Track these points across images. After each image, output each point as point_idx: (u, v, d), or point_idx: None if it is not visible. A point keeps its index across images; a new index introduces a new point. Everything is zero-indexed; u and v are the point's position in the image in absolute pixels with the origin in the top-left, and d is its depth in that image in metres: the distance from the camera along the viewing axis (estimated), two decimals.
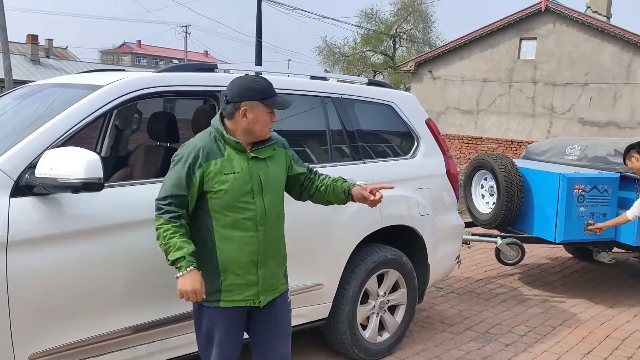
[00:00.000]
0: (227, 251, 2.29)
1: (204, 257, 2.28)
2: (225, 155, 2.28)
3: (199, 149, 2.26)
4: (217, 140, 2.30)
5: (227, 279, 2.30)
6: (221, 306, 2.32)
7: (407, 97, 4.10)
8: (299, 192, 2.63)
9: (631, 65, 15.66)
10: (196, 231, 2.31)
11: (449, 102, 19.48)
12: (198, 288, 2.19)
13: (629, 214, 4.45)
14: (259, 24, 18.02)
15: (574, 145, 5.60)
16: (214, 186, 2.25)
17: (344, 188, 2.59)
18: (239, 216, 2.28)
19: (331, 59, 36.24)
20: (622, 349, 4.06)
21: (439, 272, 4.13)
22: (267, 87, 2.33)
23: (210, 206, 2.28)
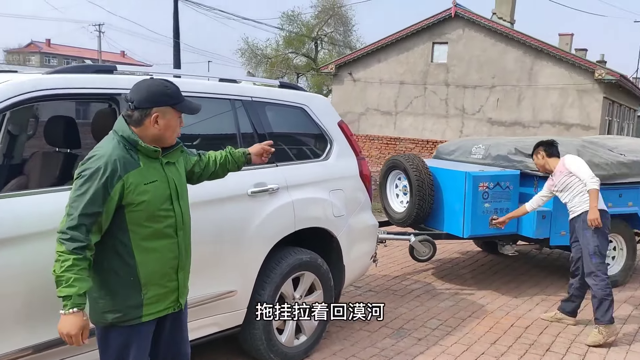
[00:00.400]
0: (149, 263, 2.21)
1: (120, 275, 2.18)
2: (141, 165, 2.18)
3: (114, 160, 2.11)
4: (129, 149, 2.17)
5: (149, 291, 2.22)
6: (144, 321, 2.23)
7: (319, 100, 4.14)
8: (197, 178, 2.63)
9: (533, 68, 16.72)
10: (109, 250, 2.17)
11: (369, 103, 19.93)
12: (74, 333, 2.04)
13: (527, 205, 4.77)
14: (176, 24, 17.59)
15: (479, 145, 5.89)
16: (135, 199, 2.14)
17: (242, 152, 2.74)
18: (161, 225, 2.22)
19: (254, 61, 36.04)
20: (525, 337, 4.31)
21: (354, 272, 4.20)
22: (177, 91, 2.27)
23: (129, 220, 2.16)
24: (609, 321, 4.17)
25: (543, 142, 4.68)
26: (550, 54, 16.35)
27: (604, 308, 4.17)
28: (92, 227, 2.07)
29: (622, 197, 5.49)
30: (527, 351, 4.04)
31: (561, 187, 4.43)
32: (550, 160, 4.56)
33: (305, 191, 3.65)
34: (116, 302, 2.18)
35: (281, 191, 3.46)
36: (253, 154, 2.74)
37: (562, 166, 4.43)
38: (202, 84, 3.35)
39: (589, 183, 4.21)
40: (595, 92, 15.91)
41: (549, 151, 4.58)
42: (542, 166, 4.64)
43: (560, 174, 4.43)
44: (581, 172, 4.28)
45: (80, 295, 2.04)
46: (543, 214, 5.11)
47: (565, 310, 4.60)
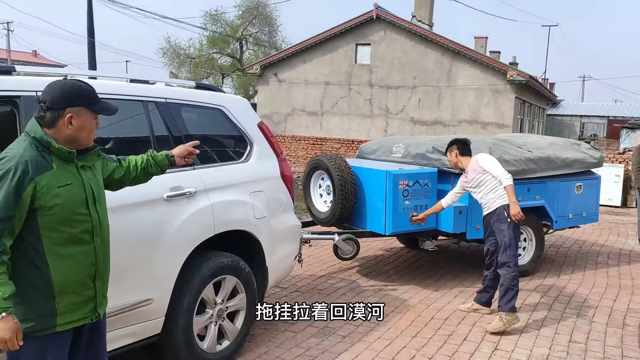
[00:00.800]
0: (64, 269, 2.12)
1: (33, 282, 2.08)
2: (55, 167, 2.10)
3: (26, 161, 2.03)
4: (41, 151, 2.09)
5: (63, 299, 2.13)
6: (58, 331, 2.13)
7: (238, 101, 4.10)
8: (117, 184, 2.56)
9: (451, 69, 17.41)
10: (22, 256, 2.08)
11: (295, 104, 19.98)
12: (8, 338, 1.97)
13: (443, 202, 4.98)
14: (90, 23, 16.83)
15: (399, 144, 6.05)
16: (48, 202, 2.06)
17: (164, 154, 2.66)
18: (76, 230, 2.14)
19: (177, 61, 35.12)
20: (444, 328, 4.48)
21: (278, 273, 4.19)
22: (92, 92, 2.21)
23: (42, 224, 2.07)
24: (511, 309, 4.41)
25: (457, 141, 4.86)
26: (466, 56, 17.08)
27: (508, 297, 4.41)
28: (5, 231, 1.99)
29: (530, 191, 5.82)
30: (446, 342, 4.20)
31: (474, 184, 4.64)
32: (463, 158, 4.75)
33: (225, 194, 3.60)
34: (29, 310, 2.09)
35: (199, 194, 3.39)
36: (176, 155, 2.68)
37: (476, 164, 4.62)
38: (112, 85, 3.23)
39: (504, 180, 4.43)
40: (507, 92, 16.78)
41: (462, 150, 4.77)
42: (455, 164, 4.83)
43: (473, 172, 4.63)
44: (494, 170, 4.50)
45: (6, 299, 1.97)
46: (460, 210, 5.33)
47: (481, 300, 4.81)
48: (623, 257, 7.19)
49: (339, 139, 18.46)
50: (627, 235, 8.73)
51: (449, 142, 4.92)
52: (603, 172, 7.00)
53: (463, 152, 4.76)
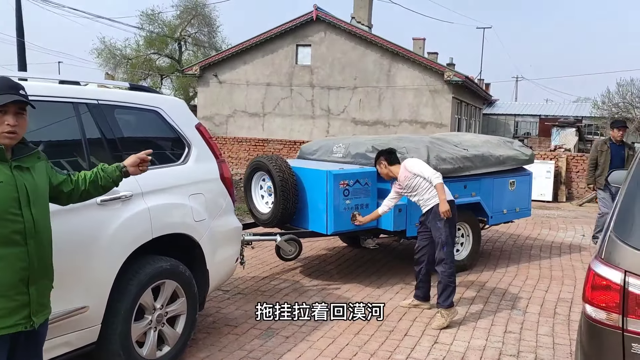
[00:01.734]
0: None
1: None
2: None
3: None
4: None
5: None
6: None
7: (174, 102, 4.02)
8: (67, 197, 2.53)
9: (390, 70, 17.76)
10: None
11: (236, 105, 19.82)
12: None
13: (379, 210, 5.10)
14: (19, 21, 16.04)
15: (339, 144, 6.11)
16: None
17: (115, 166, 2.63)
18: (6, 230, 2.09)
19: (112, 62, 34.02)
20: (386, 324, 4.56)
21: (219, 276, 4.14)
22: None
23: None
24: (449, 305, 4.55)
25: (382, 152, 4.99)
26: (405, 57, 17.47)
27: (446, 293, 4.55)
28: None
29: (467, 188, 6.02)
30: (388, 337, 4.28)
31: (409, 190, 4.77)
32: (392, 167, 4.89)
33: (162, 197, 3.53)
34: None
35: (135, 198, 3.31)
36: (129, 165, 2.64)
37: (405, 171, 4.76)
38: (40, 86, 3.09)
39: (434, 179, 4.57)
40: (445, 92, 17.29)
41: (390, 159, 4.91)
42: (387, 174, 4.95)
43: (405, 179, 4.75)
44: (424, 172, 4.65)
45: None
46: (399, 208, 5.44)
47: (419, 297, 4.94)
48: (554, 249, 7.55)
49: (282, 140, 18.44)
50: (558, 228, 9.18)
51: (375, 155, 5.06)
52: (535, 169, 7.34)
53: (391, 162, 4.89)
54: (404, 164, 4.80)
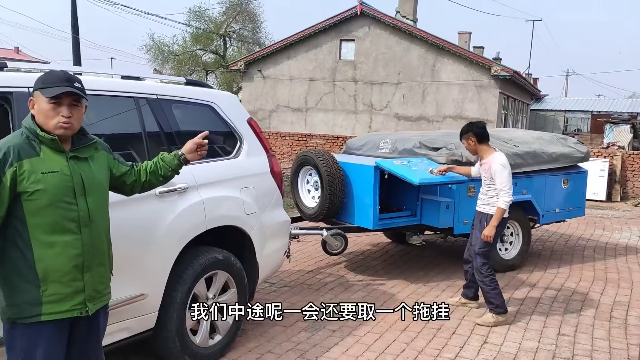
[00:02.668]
0: (48, 258, 2.13)
1: (18, 269, 2.12)
2: (41, 155, 2.14)
3: (9, 147, 2.10)
4: (31, 139, 2.16)
5: (48, 288, 2.14)
6: (43, 320, 2.14)
7: (227, 97, 4.09)
8: (130, 188, 2.60)
9: (435, 65, 17.51)
10: (9, 242, 2.13)
11: (280, 100, 19.96)
12: None
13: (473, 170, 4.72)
14: (74, 19, 16.61)
15: (386, 140, 6.09)
16: (30, 187, 2.09)
17: (174, 154, 2.64)
18: (61, 218, 2.15)
19: (160, 58, 34.86)
20: (433, 322, 4.52)
21: (268, 269, 4.20)
22: (52, 77, 2.19)
23: (26, 210, 2.10)
24: (501, 312, 4.46)
25: (472, 127, 4.57)
26: (450, 52, 17.20)
27: (493, 302, 4.46)
28: None
29: (517, 185, 5.89)
30: (435, 335, 4.25)
31: (484, 177, 4.55)
32: (481, 146, 4.54)
33: (216, 189, 3.60)
34: (14, 296, 2.13)
35: (191, 190, 3.39)
36: (187, 152, 2.65)
37: (489, 165, 4.45)
38: (103, 81, 3.21)
39: (501, 200, 4.32)
40: (492, 87, 16.94)
41: (480, 138, 4.52)
42: (474, 151, 4.63)
43: (485, 172, 4.51)
44: (499, 184, 4.34)
45: None
46: (447, 204, 5.38)
47: (467, 295, 4.86)
48: (609, 250, 7.32)
49: (324, 135, 18.48)
50: (613, 229, 8.89)
51: (464, 127, 4.62)
52: (588, 167, 7.11)
53: (481, 140, 4.53)
54: (493, 158, 4.45)
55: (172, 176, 2.70)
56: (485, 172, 4.54)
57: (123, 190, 2.60)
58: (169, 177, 2.69)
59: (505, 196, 4.34)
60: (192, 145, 2.66)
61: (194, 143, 2.66)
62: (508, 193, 4.34)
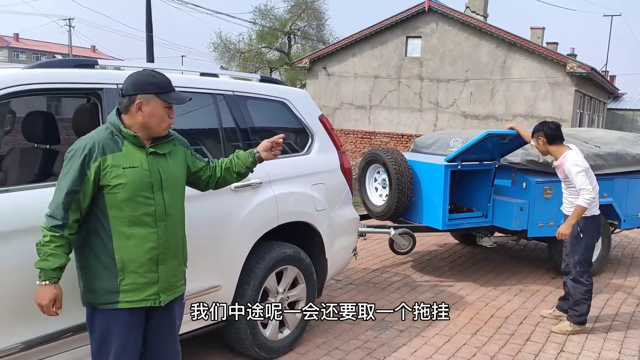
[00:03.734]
0: (126, 249, 2.24)
1: (100, 258, 2.24)
2: (123, 150, 2.24)
3: (94, 142, 2.21)
4: (115, 135, 2.26)
5: (126, 278, 2.25)
6: (119, 307, 2.26)
7: (300, 94, 4.12)
8: (205, 184, 2.67)
9: (506, 61, 16.95)
10: (90, 231, 2.26)
11: (344, 97, 19.94)
12: (44, 304, 2.18)
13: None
14: (148, 18, 17.30)
15: (457, 138, 5.94)
16: (112, 181, 2.20)
17: (249, 152, 2.68)
18: (138, 212, 2.25)
19: (227, 55, 35.71)
20: (505, 327, 4.38)
21: (336, 266, 4.21)
22: (165, 82, 2.32)
23: (108, 203, 2.22)
24: (581, 322, 4.25)
25: (543, 127, 4.33)
26: (522, 48, 16.58)
27: (579, 310, 4.23)
28: (71, 205, 2.17)
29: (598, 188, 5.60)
30: (508, 341, 4.11)
31: (561, 179, 4.34)
32: (552, 147, 4.30)
33: (288, 185, 3.64)
34: (95, 283, 2.25)
35: (264, 186, 3.44)
36: (261, 150, 2.69)
37: (562, 166, 4.24)
38: (184, 78, 3.31)
39: (580, 197, 4.07)
40: (567, 85, 16.21)
41: (551, 139, 4.28)
42: (544, 152, 4.43)
43: (560, 174, 4.30)
44: (577, 182, 4.10)
45: (54, 269, 2.16)
46: (521, 206, 5.20)
47: (562, 308, 4.52)
48: None
49: (388, 132, 18.34)
50: None
51: (536, 126, 4.41)
52: None
53: (551, 141, 4.28)
54: (566, 157, 4.20)
55: (247, 174, 2.74)
56: (560, 174, 4.32)
57: (198, 186, 2.67)
58: (243, 175, 2.73)
59: (585, 194, 4.05)
60: (267, 144, 2.69)
61: (269, 142, 2.69)
62: (588, 190, 4.05)
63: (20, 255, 2.33)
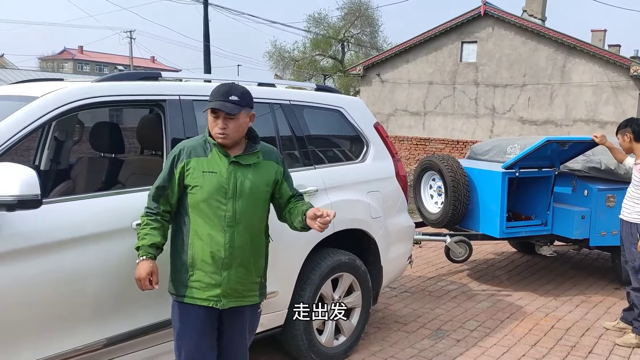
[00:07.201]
0: (196, 247, 2.40)
1: (179, 251, 2.44)
2: (209, 156, 2.41)
3: (185, 146, 2.45)
4: (206, 142, 2.46)
5: (194, 275, 2.41)
6: (185, 302, 2.42)
7: (355, 102, 4.16)
8: (279, 213, 2.68)
9: (565, 65, 16.41)
10: (177, 226, 2.48)
11: (398, 104, 19.84)
12: (142, 277, 2.36)
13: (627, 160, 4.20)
14: (206, 28, 17.84)
15: (514, 145, 5.82)
16: (192, 181, 2.39)
17: (302, 209, 2.53)
18: (211, 215, 2.38)
19: (281, 64, 36.24)
20: (566, 339, 4.25)
21: (392, 273, 4.20)
22: (215, 91, 2.42)
23: (189, 201, 2.42)
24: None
25: (632, 123, 4.18)
26: (583, 51, 16.02)
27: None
28: (160, 198, 2.44)
29: None
30: (569, 353, 3.98)
31: (635, 180, 4.11)
32: (638, 145, 4.12)
33: (343, 193, 3.67)
34: (174, 274, 2.47)
35: (320, 193, 3.49)
36: (308, 216, 2.48)
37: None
38: None
39: None
40: (630, 88, 15.52)
41: (638, 135, 4.11)
42: (628, 149, 4.23)
43: (638, 172, 4.11)
44: None
45: (150, 246, 2.38)
46: (582, 215, 5.04)
47: (627, 319, 4.32)
48: None
49: (443, 139, 18.07)
50: None
51: (623, 122, 4.25)
52: None
53: (638, 139, 4.10)
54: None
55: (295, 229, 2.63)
56: (637, 173, 4.09)
57: (277, 211, 2.67)
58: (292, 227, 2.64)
59: None
60: (313, 213, 2.45)
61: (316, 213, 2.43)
62: None
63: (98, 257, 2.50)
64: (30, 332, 2.37)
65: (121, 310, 2.62)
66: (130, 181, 3.07)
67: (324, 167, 3.64)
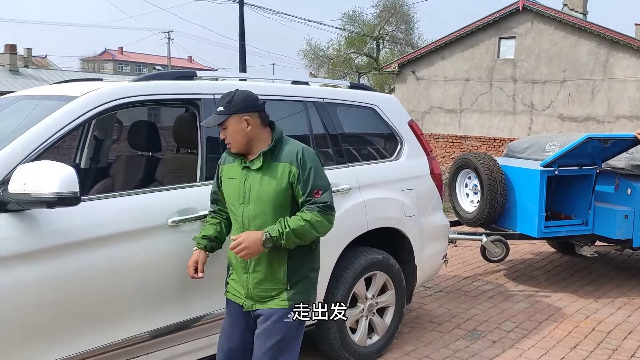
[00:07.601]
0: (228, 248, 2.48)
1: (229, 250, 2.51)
2: (235, 163, 2.51)
3: (225, 154, 2.59)
4: None
5: (232, 273, 2.58)
6: (226, 295, 2.60)
7: (389, 100, 4.12)
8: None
9: (608, 60, 15.92)
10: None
11: (433, 101, 19.61)
12: (188, 265, 2.53)
13: None
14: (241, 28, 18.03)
15: (554, 142, 5.67)
16: (223, 187, 2.55)
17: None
18: (233, 218, 2.53)
19: (316, 62, 36.31)
20: (608, 342, 4.12)
21: (426, 272, 4.15)
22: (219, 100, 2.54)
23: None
24: None
25: None
26: (627, 45, 15.50)
27: None
28: (215, 201, 2.65)
29: None
30: (611, 357, 3.86)
31: None
32: None
33: (377, 191, 3.65)
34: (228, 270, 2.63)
35: (353, 191, 3.47)
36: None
37: None
38: (276, 87, 3.43)
39: None
40: None
41: None
42: None
43: None
44: None
45: (202, 237, 2.57)
46: (625, 214, 4.88)
47: None
48: None
49: (479, 137, 17.78)
50: None
51: None
52: None
53: None
54: None
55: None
56: None
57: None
58: None
59: None
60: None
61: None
62: None
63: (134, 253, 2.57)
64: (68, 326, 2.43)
65: (156, 306, 2.66)
66: (167, 179, 3.12)
67: (357, 165, 3.62)
